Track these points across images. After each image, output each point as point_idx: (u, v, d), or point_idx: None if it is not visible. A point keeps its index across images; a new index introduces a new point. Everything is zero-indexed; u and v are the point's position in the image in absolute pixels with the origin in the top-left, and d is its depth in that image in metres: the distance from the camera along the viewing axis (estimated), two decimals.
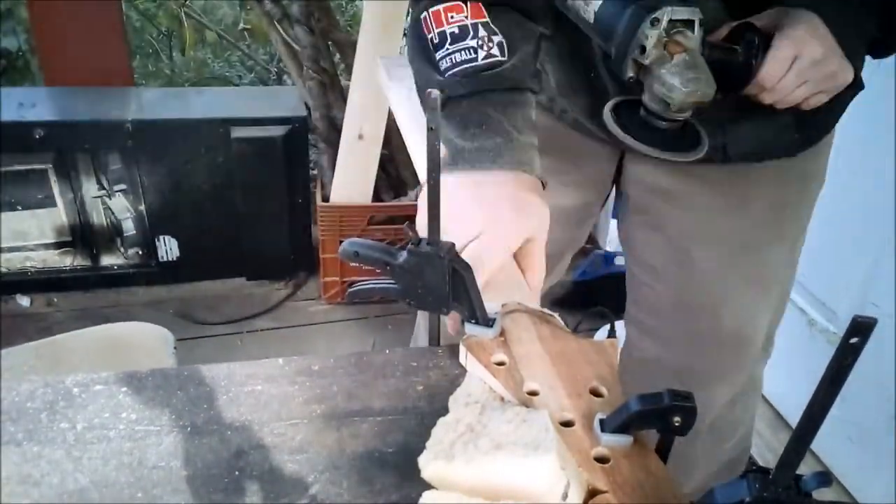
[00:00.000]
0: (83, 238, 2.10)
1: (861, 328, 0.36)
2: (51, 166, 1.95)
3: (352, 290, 0.68)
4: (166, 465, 0.52)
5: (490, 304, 0.65)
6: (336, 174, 2.04)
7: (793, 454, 0.42)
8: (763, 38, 0.78)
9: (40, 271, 2.09)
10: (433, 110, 0.54)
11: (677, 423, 0.52)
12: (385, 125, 1.97)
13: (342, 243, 0.64)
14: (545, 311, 0.69)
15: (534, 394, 0.58)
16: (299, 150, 2.07)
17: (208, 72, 3.41)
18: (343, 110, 1.99)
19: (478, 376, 0.61)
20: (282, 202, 2.12)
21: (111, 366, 1.02)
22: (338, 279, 2.16)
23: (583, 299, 2.17)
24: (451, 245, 0.61)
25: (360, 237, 1.19)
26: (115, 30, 2.16)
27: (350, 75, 1.98)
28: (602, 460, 0.53)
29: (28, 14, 2.20)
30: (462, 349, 0.63)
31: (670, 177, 0.97)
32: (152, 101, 2.11)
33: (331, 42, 2.18)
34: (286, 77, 3.14)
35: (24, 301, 2.08)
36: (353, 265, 1.31)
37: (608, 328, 1.98)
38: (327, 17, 2.16)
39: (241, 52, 3.46)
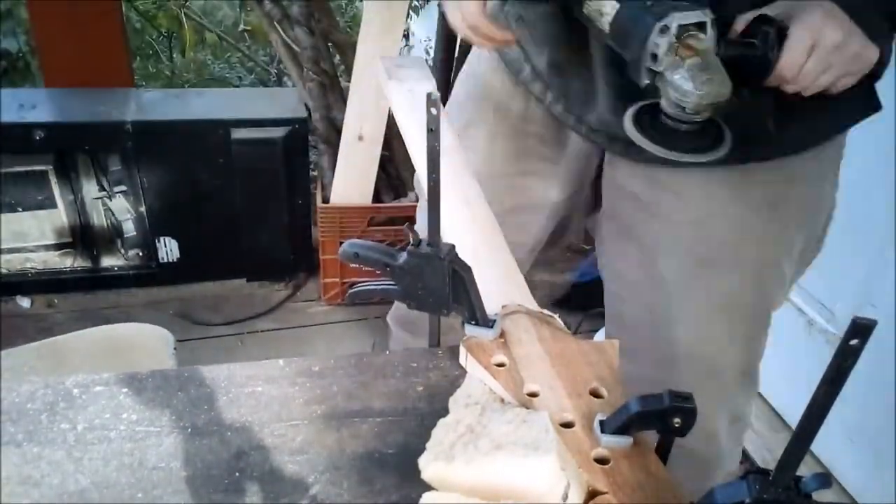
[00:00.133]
0: (83, 239, 2.10)
1: (861, 329, 0.36)
2: (51, 167, 1.94)
3: (352, 291, 0.68)
4: (167, 466, 0.52)
5: (490, 306, 0.65)
6: (336, 175, 2.04)
7: (793, 455, 0.42)
8: (779, 29, 0.77)
9: (41, 272, 2.09)
10: (433, 111, 0.54)
11: (677, 425, 0.52)
12: (385, 126, 1.97)
13: (342, 244, 0.64)
14: (545, 312, 0.69)
15: (534, 395, 0.59)
16: (299, 151, 2.07)
17: (208, 73, 3.42)
18: (343, 111, 1.99)
19: (478, 377, 0.61)
20: (282, 203, 2.12)
21: (112, 367, 1.02)
22: (338, 280, 2.16)
23: (583, 301, 2.17)
24: (452, 246, 0.61)
25: (360, 238, 1.19)
26: (115, 31, 2.16)
27: (350, 76, 1.98)
28: (602, 461, 0.53)
29: (28, 15, 2.20)
30: (462, 350, 0.63)
31: (643, 183, 0.97)
32: (152, 103, 2.11)
33: (331, 43, 2.18)
34: (286, 78, 3.14)
35: (24, 302, 2.08)
36: (354, 266, 1.31)
37: None
38: (327, 18, 2.16)
39: (241, 54, 3.47)
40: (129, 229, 2.08)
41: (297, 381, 0.61)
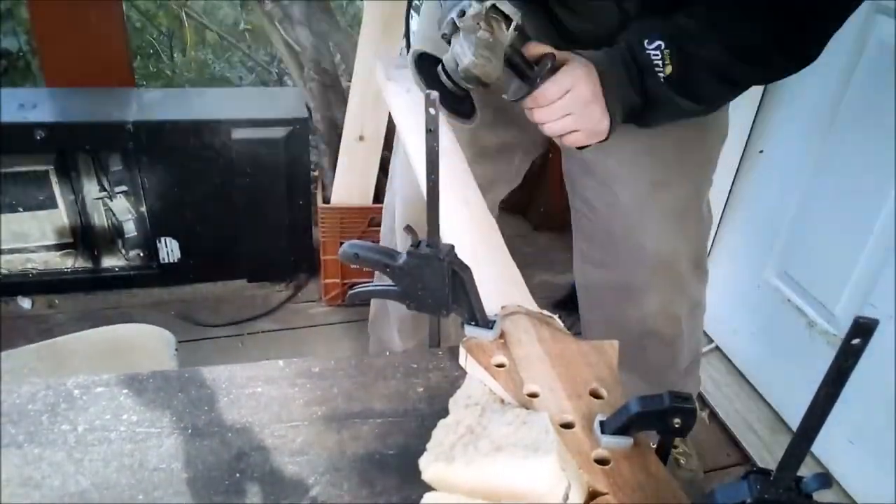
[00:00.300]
0: (84, 240, 2.10)
1: (862, 329, 0.36)
2: (52, 168, 1.94)
3: (352, 292, 0.68)
4: (167, 467, 0.52)
5: (489, 307, 0.65)
6: (337, 176, 2.04)
7: (794, 456, 0.42)
8: (554, 67, 0.92)
9: (41, 273, 2.09)
10: (431, 111, 0.54)
11: (677, 425, 0.52)
12: (385, 126, 1.97)
13: (342, 245, 0.64)
14: (545, 312, 0.69)
15: (534, 395, 0.59)
16: (300, 151, 2.07)
17: (209, 73, 3.42)
18: (344, 111, 1.99)
19: (478, 378, 0.61)
20: (282, 204, 2.12)
21: (112, 368, 1.02)
22: (338, 281, 2.16)
23: None
24: (451, 247, 0.61)
25: (360, 239, 1.20)
26: (115, 30, 2.16)
27: (351, 76, 1.98)
28: (602, 462, 0.53)
29: (28, 14, 2.20)
30: (462, 351, 0.63)
31: None
32: (153, 102, 2.10)
33: (332, 43, 2.18)
34: (287, 78, 3.15)
35: (25, 303, 2.08)
36: (354, 267, 1.30)
37: None
38: (328, 17, 2.16)
39: (241, 53, 3.47)
40: (130, 230, 2.08)
41: (298, 382, 0.61)
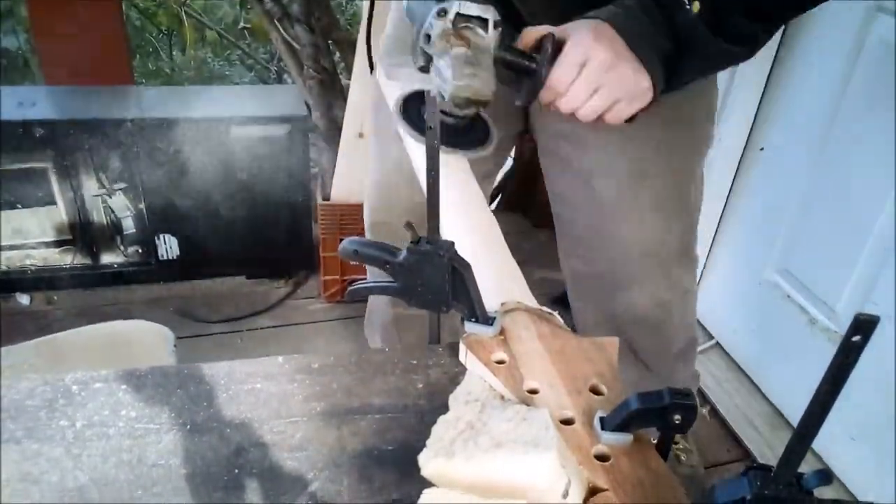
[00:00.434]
0: (83, 236, 2.10)
1: (863, 326, 0.36)
2: (51, 165, 1.94)
3: (352, 288, 0.68)
4: (166, 463, 0.52)
5: (489, 303, 0.65)
6: (336, 173, 2.04)
7: (794, 452, 0.42)
8: (557, 46, 0.78)
9: (40, 269, 2.09)
10: (431, 110, 0.54)
11: (677, 421, 0.52)
12: None
13: (342, 242, 0.64)
14: (544, 309, 0.69)
15: (534, 392, 0.58)
16: (299, 148, 2.07)
17: (208, 70, 3.42)
18: (343, 109, 1.99)
19: (478, 374, 0.61)
20: (282, 201, 2.12)
21: (111, 364, 1.02)
22: (338, 277, 2.16)
23: None
24: (451, 243, 0.61)
25: (359, 236, 1.19)
26: (115, 29, 2.16)
27: (350, 74, 1.98)
28: (602, 458, 0.53)
29: (28, 13, 2.20)
30: (462, 347, 0.63)
31: (571, 123, 0.98)
32: (152, 100, 2.10)
33: (331, 41, 2.18)
34: (286, 76, 3.14)
35: (24, 299, 2.08)
36: (353, 263, 1.30)
37: None
38: (327, 15, 2.16)
39: (241, 51, 3.46)
40: (129, 226, 2.08)
41: (297, 378, 0.61)
